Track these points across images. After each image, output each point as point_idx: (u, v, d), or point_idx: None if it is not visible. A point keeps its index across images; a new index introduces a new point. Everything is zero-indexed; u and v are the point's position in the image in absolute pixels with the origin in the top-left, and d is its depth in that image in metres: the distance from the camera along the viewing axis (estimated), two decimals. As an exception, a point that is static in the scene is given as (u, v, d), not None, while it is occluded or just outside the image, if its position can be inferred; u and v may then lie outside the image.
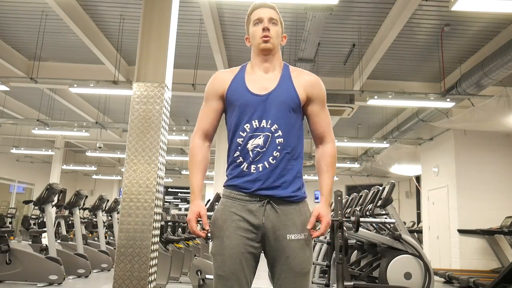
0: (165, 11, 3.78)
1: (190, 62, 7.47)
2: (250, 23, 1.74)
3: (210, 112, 1.72)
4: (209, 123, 1.73)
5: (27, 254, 5.31)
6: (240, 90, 1.66)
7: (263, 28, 1.68)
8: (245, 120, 1.62)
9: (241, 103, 1.64)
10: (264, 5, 1.73)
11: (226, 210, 1.62)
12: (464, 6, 3.84)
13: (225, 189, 1.67)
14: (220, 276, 1.56)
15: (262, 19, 1.69)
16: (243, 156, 1.61)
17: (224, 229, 1.59)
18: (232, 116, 1.66)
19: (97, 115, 11.00)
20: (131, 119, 3.51)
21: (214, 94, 1.71)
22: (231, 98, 1.67)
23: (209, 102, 1.73)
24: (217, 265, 1.57)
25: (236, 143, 1.63)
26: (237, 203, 1.60)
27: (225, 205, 1.63)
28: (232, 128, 1.66)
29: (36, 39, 7.07)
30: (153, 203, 3.38)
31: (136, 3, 5.88)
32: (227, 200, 1.64)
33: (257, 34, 1.69)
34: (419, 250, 4.75)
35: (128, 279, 3.26)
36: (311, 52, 5.88)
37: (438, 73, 7.51)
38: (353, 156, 13.59)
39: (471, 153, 8.16)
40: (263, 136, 1.60)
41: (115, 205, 8.33)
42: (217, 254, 1.58)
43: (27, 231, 12.55)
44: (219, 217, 1.62)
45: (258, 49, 1.70)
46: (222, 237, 1.58)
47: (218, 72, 1.76)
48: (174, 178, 19.04)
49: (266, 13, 1.71)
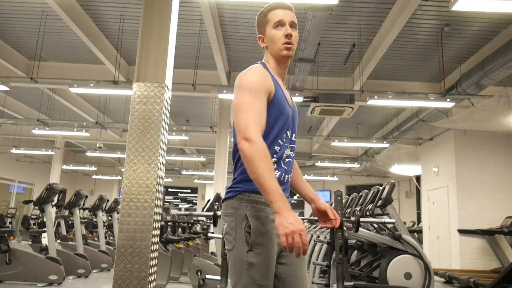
0: (165, 11, 3.78)
1: (190, 62, 7.47)
2: (269, 24, 1.64)
3: (264, 107, 1.53)
4: (264, 120, 1.53)
5: (27, 254, 5.31)
6: (282, 97, 1.62)
7: (286, 35, 1.60)
8: (285, 129, 1.61)
9: (286, 111, 1.61)
10: (285, 6, 1.65)
11: (266, 218, 1.55)
12: (464, 6, 3.84)
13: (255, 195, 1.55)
14: (261, 285, 1.50)
15: (284, 22, 1.62)
16: (277, 164, 1.60)
17: (268, 237, 1.54)
18: (277, 121, 1.58)
19: (97, 115, 11.00)
20: (131, 119, 3.51)
21: (265, 89, 1.55)
22: (279, 102, 1.59)
23: (261, 96, 1.53)
24: (261, 275, 1.49)
25: (273, 150, 1.58)
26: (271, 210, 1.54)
27: (264, 212, 1.55)
28: (272, 132, 1.58)
29: (36, 39, 7.07)
30: (153, 203, 3.38)
31: (136, 3, 5.88)
32: (264, 207, 1.56)
33: (278, 39, 1.62)
34: (419, 250, 4.75)
35: (128, 279, 3.26)
36: (311, 52, 5.87)
37: (438, 73, 7.51)
38: (353, 156, 13.59)
39: (471, 153, 8.16)
40: (292, 147, 1.68)
41: (115, 205, 8.33)
42: (261, 263, 1.50)
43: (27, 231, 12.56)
44: (261, 225, 1.54)
45: (280, 55, 1.64)
46: (267, 246, 1.52)
47: (258, 67, 1.61)
48: (174, 178, 19.04)
49: (288, 16, 1.63)
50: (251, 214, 1.54)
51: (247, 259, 1.50)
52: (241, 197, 1.56)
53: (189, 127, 10.55)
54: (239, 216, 1.55)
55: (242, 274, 1.50)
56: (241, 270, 1.50)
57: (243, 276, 1.50)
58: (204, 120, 11.46)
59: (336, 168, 14.93)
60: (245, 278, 1.49)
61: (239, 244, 1.52)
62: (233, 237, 1.53)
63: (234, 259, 1.52)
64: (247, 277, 1.49)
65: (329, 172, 15.76)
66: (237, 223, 1.54)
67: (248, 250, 1.50)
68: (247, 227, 1.53)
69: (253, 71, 1.58)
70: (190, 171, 16.61)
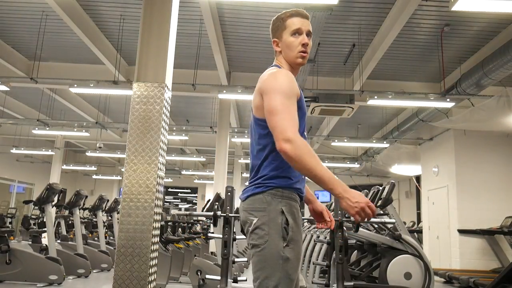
0: (165, 11, 3.78)
1: (190, 62, 7.47)
2: (286, 31, 1.68)
3: (296, 109, 1.58)
4: (298, 121, 1.57)
5: (27, 254, 5.31)
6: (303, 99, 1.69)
7: (304, 44, 1.66)
8: (303, 129, 1.67)
9: (305, 113, 1.70)
10: (303, 15, 1.69)
11: (298, 214, 1.61)
12: (464, 6, 3.84)
13: (287, 191, 1.60)
14: (293, 280, 1.53)
15: (302, 31, 1.67)
16: None
17: (300, 233, 1.59)
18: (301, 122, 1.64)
19: (97, 115, 11.00)
20: (131, 119, 3.51)
21: (295, 93, 1.60)
22: (303, 105, 1.66)
23: (293, 99, 1.58)
24: (293, 270, 1.53)
25: None
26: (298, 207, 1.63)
27: (296, 208, 1.61)
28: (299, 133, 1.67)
29: (36, 39, 7.07)
30: (153, 203, 3.38)
31: (136, 3, 5.88)
32: (294, 204, 1.61)
33: (295, 47, 1.67)
34: (419, 250, 4.75)
35: (128, 279, 3.26)
36: (311, 52, 5.86)
37: (438, 73, 7.52)
38: (353, 156, 13.59)
39: (471, 153, 8.16)
40: None
41: (115, 205, 8.33)
42: (295, 258, 1.54)
43: (27, 231, 12.56)
44: (295, 221, 1.58)
45: (294, 62, 1.69)
46: (299, 241, 1.58)
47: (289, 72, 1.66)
48: (174, 178, 19.05)
49: (306, 25, 1.68)
50: (287, 210, 1.56)
51: (283, 254, 1.51)
52: (274, 192, 1.58)
53: (189, 127, 10.55)
54: (273, 211, 1.56)
55: (276, 269, 1.51)
56: (275, 264, 1.51)
57: (277, 271, 1.51)
58: (204, 120, 11.47)
59: (336, 168, 14.94)
60: (279, 272, 1.50)
61: (274, 239, 1.52)
62: (266, 232, 1.53)
63: (267, 254, 1.52)
64: (281, 271, 1.51)
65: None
66: (270, 218, 1.55)
67: (285, 245, 1.52)
68: (284, 222, 1.55)
69: (283, 74, 1.61)
70: (190, 171, 16.62)
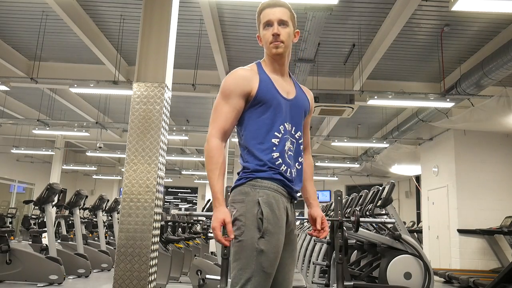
0: (165, 11, 3.78)
1: (190, 62, 7.47)
2: (261, 25, 1.69)
3: (232, 111, 1.61)
4: (231, 123, 1.62)
5: (27, 254, 5.31)
6: (272, 90, 1.64)
7: (273, 34, 1.64)
8: (279, 121, 1.63)
9: (276, 103, 1.63)
10: (273, 4, 1.67)
11: (278, 205, 1.56)
12: (464, 6, 3.84)
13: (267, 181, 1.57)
14: (268, 274, 1.49)
15: (272, 22, 1.65)
16: (282, 158, 1.61)
17: (279, 226, 1.54)
18: (265, 114, 1.62)
19: (97, 115, 11.00)
20: (131, 119, 3.51)
21: (239, 92, 1.60)
22: (264, 97, 1.62)
23: (232, 100, 1.60)
24: (268, 263, 1.49)
25: (271, 143, 1.61)
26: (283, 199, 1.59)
27: (276, 200, 1.56)
28: (266, 125, 1.62)
29: (36, 39, 7.07)
30: (153, 203, 3.38)
31: (136, 3, 5.88)
32: (275, 194, 1.56)
33: (267, 39, 1.66)
34: (419, 250, 4.75)
35: (128, 279, 3.26)
36: (311, 52, 5.87)
37: (438, 73, 7.51)
38: (353, 156, 13.58)
39: (471, 153, 8.16)
40: (293, 141, 1.68)
41: (115, 205, 8.33)
42: (271, 251, 1.49)
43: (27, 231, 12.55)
44: (272, 212, 1.53)
45: (270, 53, 1.68)
46: (278, 234, 1.53)
47: (239, 70, 1.66)
48: (174, 178, 19.04)
49: (276, 14, 1.65)
50: (263, 201, 1.53)
51: (257, 246, 1.48)
52: (253, 183, 1.57)
53: (189, 127, 10.54)
54: (250, 202, 1.54)
55: (250, 261, 1.48)
56: (249, 256, 1.48)
57: (251, 263, 1.48)
58: (204, 120, 11.46)
59: (336, 168, 14.94)
60: (253, 265, 1.47)
61: (250, 230, 1.50)
62: (243, 223, 1.51)
63: (242, 245, 1.50)
64: (255, 264, 1.47)
65: (329, 172, 15.76)
66: (247, 209, 1.53)
67: (259, 237, 1.49)
68: (259, 213, 1.51)
69: (230, 75, 1.65)
70: (190, 171, 16.62)
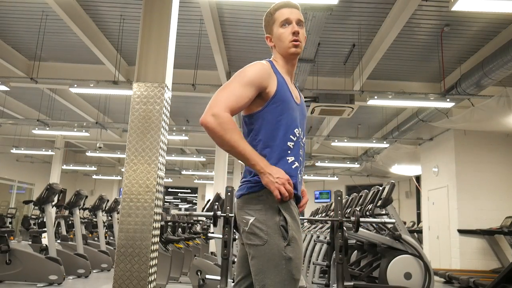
0: (165, 11, 3.78)
1: (190, 62, 7.46)
2: (276, 23, 1.66)
3: (246, 98, 1.52)
4: (239, 108, 1.52)
5: (27, 254, 5.31)
6: (288, 92, 1.61)
7: (294, 32, 1.62)
8: (294, 124, 1.60)
9: (292, 106, 1.60)
10: (291, 5, 1.66)
11: (295, 212, 1.55)
12: (464, 6, 3.84)
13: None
14: (297, 281, 1.48)
15: (291, 20, 1.63)
16: (298, 162, 1.61)
17: (300, 231, 1.54)
18: (283, 114, 1.57)
19: (97, 115, 10.99)
20: (131, 119, 3.51)
21: (257, 83, 1.54)
22: (283, 97, 1.58)
23: (249, 88, 1.53)
24: (297, 269, 1.48)
25: (287, 146, 1.57)
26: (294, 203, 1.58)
27: (293, 205, 1.56)
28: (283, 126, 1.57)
29: (36, 39, 7.07)
30: (153, 203, 3.38)
31: (136, 3, 5.88)
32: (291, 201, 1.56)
33: (286, 37, 1.63)
34: (419, 250, 4.75)
35: (128, 279, 3.26)
36: (311, 52, 5.87)
37: (438, 73, 7.51)
38: (353, 156, 13.58)
39: (471, 153, 8.16)
40: (303, 146, 1.67)
41: (115, 205, 8.33)
42: (297, 258, 1.48)
43: (27, 231, 12.55)
44: (293, 219, 1.52)
45: (288, 53, 1.64)
46: (300, 240, 1.53)
47: (261, 63, 1.60)
48: (174, 178, 19.04)
49: (294, 14, 1.64)
50: (284, 208, 1.51)
51: (285, 253, 1.46)
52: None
53: (189, 127, 10.54)
54: (269, 209, 1.50)
55: (279, 269, 1.45)
56: (278, 265, 1.45)
57: (280, 271, 1.45)
58: (204, 120, 11.43)
59: (336, 168, 14.92)
60: (282, 273, 1.45)
61: (274, 239, 1.47)
62: (265, 232, 1.48)
63: (268, 254, 1.46)
64: (285, 272, 1.45)
65: (329, 172, 15.76)
66: (268, 217, 1.49)
67: (286, 244, 1.46)
68: (281, 220, 1.49)
69: (252, 65, 1.59)
70: (190, 171, 16.62)
